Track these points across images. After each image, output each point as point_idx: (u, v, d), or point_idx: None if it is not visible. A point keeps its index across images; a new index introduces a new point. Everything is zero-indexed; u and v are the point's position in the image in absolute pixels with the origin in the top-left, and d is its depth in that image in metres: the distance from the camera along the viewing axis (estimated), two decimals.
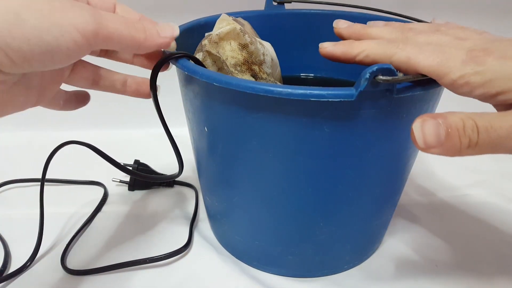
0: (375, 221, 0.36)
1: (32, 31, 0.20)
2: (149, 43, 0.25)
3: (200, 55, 0.32)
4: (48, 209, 0.41)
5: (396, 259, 0.39)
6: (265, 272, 0.37)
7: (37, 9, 0.20)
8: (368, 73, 0.22)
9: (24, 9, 0.20)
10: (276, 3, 0.44)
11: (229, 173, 0.32)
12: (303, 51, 0.46)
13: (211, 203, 0.38)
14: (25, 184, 0.49)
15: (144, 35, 0.25)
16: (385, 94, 0.24)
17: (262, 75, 0.33)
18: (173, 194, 0.48)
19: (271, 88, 0.24)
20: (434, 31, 0.27)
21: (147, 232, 0.42)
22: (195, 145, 0.36)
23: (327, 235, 0.33)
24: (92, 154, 0.34)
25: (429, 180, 0.51)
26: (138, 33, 0.24)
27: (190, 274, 0.37)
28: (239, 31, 0.32)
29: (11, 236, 0.41)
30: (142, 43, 0.25)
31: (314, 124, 0.26)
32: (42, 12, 0.20)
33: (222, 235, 0.40)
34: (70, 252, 0.39)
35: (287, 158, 0.28)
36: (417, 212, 0.45)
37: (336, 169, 0.29)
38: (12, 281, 0.36)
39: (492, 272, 0.37)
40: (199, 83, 0.28)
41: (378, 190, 0.32)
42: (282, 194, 0.31)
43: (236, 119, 0.28)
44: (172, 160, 0.36)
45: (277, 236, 0.34)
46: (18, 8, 0.20)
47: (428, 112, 0.30)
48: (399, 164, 0.32)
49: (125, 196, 0.48)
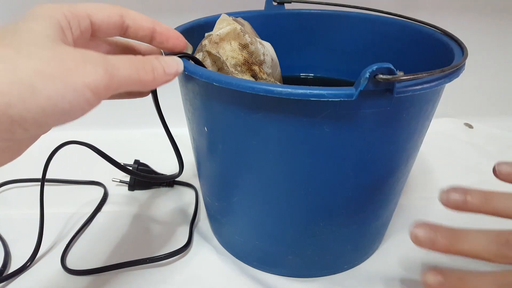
0: (375, 221, 0.36)
1: (47, 101, 0.20)
2: (156, 83, 0.25)
3: (200, 55, 0.32)
4: (48, 209, 0.41)
5: (396, 259, 0.39)
6: (265, 272, 0.37)
7: (51, 76, 0.20)
8: (368, 72, 0.22)
9: (37, 78, 0.19)
10: (276, 3, 0.44)
11: (229, 173, 0.32)
12: (303, 51, 0.46)
13: (211, 203, 0.38)
14: (25, 184, 0.49)
15: (153, 76, 0.24)
16: (385, 94, 0.24)
17: (262, 75, 0.33)
18: (173, 194, 0.48)
19: (271, 88, 0.24)
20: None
21: (147, 232, 0.42)
22: (195, 145, 0.36)
23: (327, 235, 0.33)
24: (92, 154, 0.34)
25: (429, 180, 0.51)
26: (147, 76, 0.24)
27: (190, 274, 0.37)
28: (239, 31, 0.32)
29: (11, 236, 0.41)
30: (149, 84, 0.25)
31: (314, 124, 0.26)
32: (56, 78, 0.20)
33: (222, 235, 0.40)
34: (70, 252, 0.39)
35: (287, 158, 0.28)
36: (417, 212, 0.45)
37: (336, 169, 0.29)
38: (12, 281, 0.36)
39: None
40: (199, 83, 0.28)
41: (378, 190, 0.32)
42: (282, 194, 0.31)
43: (236, 119, 0.28)
44: (172, 160, 0.36)
45: (277, 236, 0.34)
46: (31, 79, 0.19)
47: (428, 112, 0.30)
48: (399, 163, 0.32)
49: (125, 196, 0.48)
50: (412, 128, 0.29)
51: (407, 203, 0.46)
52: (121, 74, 0.22)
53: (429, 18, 0.38)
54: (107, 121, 0.62)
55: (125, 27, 0.27)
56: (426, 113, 0.30)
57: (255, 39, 0.35)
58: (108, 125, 0.62)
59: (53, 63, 0.20)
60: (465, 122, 0.65)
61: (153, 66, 0.25)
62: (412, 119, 0.28)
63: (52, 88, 0.20)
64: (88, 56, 0.21)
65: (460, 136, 0.63)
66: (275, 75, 0.37)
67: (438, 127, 0.57)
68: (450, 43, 0.33)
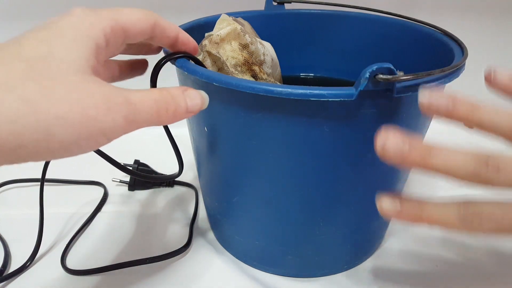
0: (375, 221, 0.36)
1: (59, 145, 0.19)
2: (174, 120, 0.24)
3: (200, 56, 0.32)
4: (48, 209, 0.41)
5: (396, 259, 0.39)
6: (265, 272, 0.37)
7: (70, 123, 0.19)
8: (368, 72, 0.22)
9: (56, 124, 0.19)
10: (276, 3, 0.44)
11: (229, 173, 0.32)
12: (303, 51, 0.46)
13: (211, 203, 0.38)
14: (25, 184, 0.49)
15: (173, 116, 0.23)
16: (385, 94, 0.24)
17: (263, 75, 0.33)
18: (173, 194, 0.48)
19: (271, 88, 0.24)
20: None
21: (147, 232, 0.42)
22: (195, 145, 0.36)
23: (327, 235, 0.33)
24: (92, 154, 0.34)
25: (429, 180, 0.51)
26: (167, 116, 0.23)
27: (190, 274, 0.37)
28: (239, 31, 0.32)
29: (11, 236, 0.41)
30: (166, 122, 0.24)
31: (314, 124, 0.26)
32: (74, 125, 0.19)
33: (222, 235, 0.40)
34: (70, 252, 0.39)
35: (287, 158, 0.28)
36: None
37: (336, 169, 0.29)
38: (12, 281, 0.36)
39: (492, 272, 0.37)
40: (199, 83, 0.28)
41: (378, 190, 0.32)
42: (282, 194, 0.31)
43: (236, 119, 0.28)
44: (172, 160, 0.36)
45: (277, 236, 0.34)
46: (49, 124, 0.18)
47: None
48: None
49: (125, 196, 0.48)
50: (412, 128, 0.29)
51: None
52: (141, 118, 0.21)
53: (429, 18, 0.38)
54: None
55: (153, 36, 0.26)
56: None
57: (255, 39, 0.35)
58: None
59: (75, 108, 0.19)
60: None
61: (176, 107, 0.23)
62: (412, 119, 0.28)
63: (68, 134, 0.19)
64: (111, 100, 0.20)
65: (460, 136, 0.62)
66: (275, 75, 0.37)
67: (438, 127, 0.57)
68: (450, 43, 0.33)
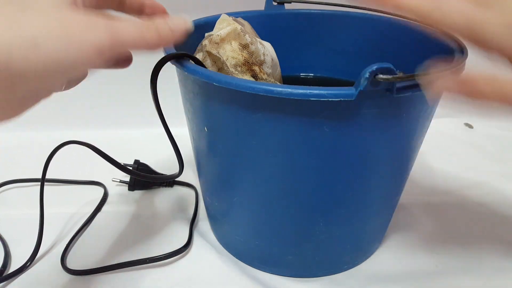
0: (375, 221, 0.36)
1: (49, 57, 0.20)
2: (163, 42, 0.25)
3: (200, 55, 0.32)
4: (48, 209, 0.41)
5: (396, 259, 0.39)
6: (265, 272, 0.37)
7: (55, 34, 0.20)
8: (368, 72, 0.22)
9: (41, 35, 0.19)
10: (276, 3, 0.44)
11: (229, 173, 0.32)
12: (303, 51, 0.46)
13: (211, 203, 0.38)
14: (25, 184, 0.49)
15: (157, 35, 0.25)
16: (385, 94, 0.24)
17: (263, 75, 0.33)
18: (173, 194, 0.48)
19: (271, 88, 0.24)
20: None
21: (147, 232, 0.42)
22: (195, 145, 0.36)
23: (327, 235, 0.33)
24: (92, 154, 0.34)
25: (429, 180, 0.51)
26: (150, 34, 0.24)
27: (190, 274, 0.37)
28: (239, 31, 0.32)
29: (11, 236, 0.41)
30: (155, 43, 0.25)
31: (314, 124, 0.26)
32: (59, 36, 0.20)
33: (222, 235, 0.40)
34: (70, 252, 0.39)
35: (287, 158, 0.28)
36: (417, 212, 0.45)
37: (336, 169, 0.29)
38: (12, 281, 0.36)
39: (492, 272, 0.37)
40: (199, 83, 0.28)
41: (378, 190, 0.32)
42: (282, 194, 0.31)
43: (236, 119, 0.28)
44: (172, 160, 0.36)
45: (277, 236, 0.34)
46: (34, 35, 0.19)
47: (428, 112, 0.30)
48: (399, 163, 0.32)
49: (125, 196, 0.48)
50: (412, 128, 0.29)
51: (407, 202, 0.46)
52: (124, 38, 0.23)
53: None
54: (107, 121, 0.62)
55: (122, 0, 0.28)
56: (426, 113, 0.30)
57: (255, 39, 0.35)
58: (108, 125, 0.62)
59: (58, 23, 0.20)
60: (465, 122, 0.65)
61: (157, 26, 0.25)
62: (412, 119, 0.28)
63: (56, 45, 0.20)
64: (93, 21, 0.22)
65: (460, 136, 0.63)
66: (275, 75, 0.37)
67: (438, 127, 0.57)
68: (450, 43, 0.33)
